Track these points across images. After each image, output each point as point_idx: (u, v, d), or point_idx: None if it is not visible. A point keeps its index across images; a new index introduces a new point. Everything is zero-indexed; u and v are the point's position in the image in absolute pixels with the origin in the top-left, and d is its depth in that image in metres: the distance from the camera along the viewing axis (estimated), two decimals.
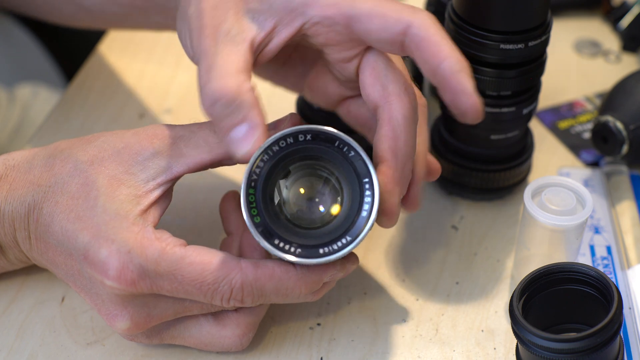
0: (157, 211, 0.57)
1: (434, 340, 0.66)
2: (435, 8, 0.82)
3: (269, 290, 0.56)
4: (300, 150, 0.57)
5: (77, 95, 0.88)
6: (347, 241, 0.56)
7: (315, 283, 0.57)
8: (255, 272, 0.56)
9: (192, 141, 0.57)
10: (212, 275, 0.55)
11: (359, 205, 0.56)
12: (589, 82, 0.90)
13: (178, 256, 0.55)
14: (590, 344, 0.56)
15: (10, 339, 0.65)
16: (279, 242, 0.56)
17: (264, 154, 0.56)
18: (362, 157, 0.56)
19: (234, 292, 0.56)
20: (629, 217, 0.74)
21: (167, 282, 0.55)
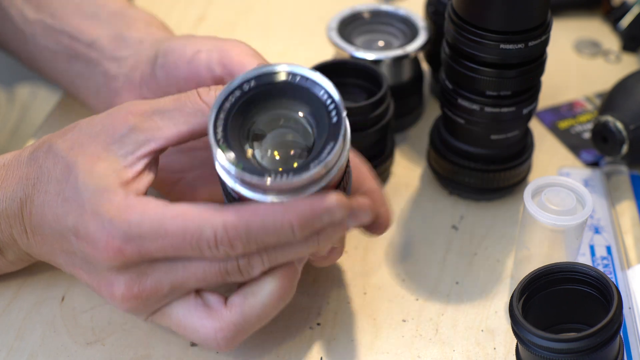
0: (140, 183, 0.57)
1: (434, 340, 0.66)
2: (435, 8, 0.82)
3: (256, 227, 0.54)
4: (252, 98, 0.56)
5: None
6: (332, 146, 0.54)
7: (305, 213, 0.54)
8: (237, 212, 0.54)
9: (168, 113, 0.58)
10: (194, 223, 0.54)
11: (328, 117, 0.55)
12: (589, 82, 0.90)
13: (160, 214, 0.55)
14: (590, 344, 0.56)
15: (10, 339, 0.65)
16: (268, 175, 0.54)
17: (219, 112, 0.55)
18: (306, 75, 0.56)
19: (219, 236, 0.54)
20: (629, 217, 0.74)
21: (153, 242, 0.55)
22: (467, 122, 0.71)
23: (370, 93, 0.76)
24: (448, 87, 0.72)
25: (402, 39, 0.83)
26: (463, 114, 0.71)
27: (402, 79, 0.82)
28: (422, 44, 0.80)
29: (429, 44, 0.81)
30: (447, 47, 0.70)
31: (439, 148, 0.75)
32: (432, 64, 0.86)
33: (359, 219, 0.58)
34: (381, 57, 0.79)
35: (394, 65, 0.80)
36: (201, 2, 1.01)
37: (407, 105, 0.83)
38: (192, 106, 0.58)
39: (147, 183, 0.58)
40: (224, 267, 0.56)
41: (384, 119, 0.74)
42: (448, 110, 0.73)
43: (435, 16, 0.82)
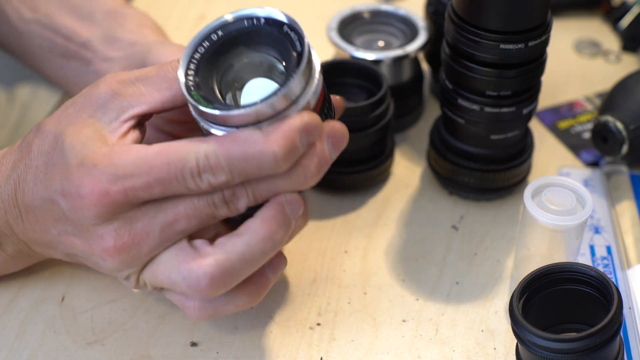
0: (126, 140, 0.58)
1: (434, 340, 0.66)
2: (435, 8, 0.82)
3: (237, 155, 0.54)
4: (220, 47, 0.57)
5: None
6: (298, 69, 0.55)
7: (285, 138, 0.54)
8: (218, 140, 0.55)
9: (150, 79, 0.58)
10: (176, 154, 0.55)
11: (293, 48, 0.56)
12: (589, 82, 0.90)
13: (143, 152, 0.55)
14: (590, 344, 0.56)
15: (10, 339, 0.65)
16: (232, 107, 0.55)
17: (189, 63, 0.57)
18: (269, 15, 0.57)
19: (201, 164, 0.54)
20: (629, 217, 0.74)
21: (138, 178, 0.55)
22: (467, 122, 0.72)
23: (370, 93, 0.76)
24: (448, 87, 0.72)
25: (402, 39, 0.83)
26: (463, 114, 0.71)
27: (402, 79, 0.82)
28: (422, 44, 0.80)
29: (429, 44, 0.81)
30: (447, 47, 0.70)
31: (439, 148, 0.75)
32: (432, 64, 0.86)
33: (337, 144, 0.58)
34: (381, 57, 0.79)
35: (394, 65, 0.80)
36: (201, 1, 1.01)
37: (407, 105, 0.83)
38: (175, 72, 0.58)
39: (132, 140, 0.58)
40: (211, 199, 0.56)
41: (384, 119, 0.74)
42: (448, 110, 0.73)
43: (435, 16, 0.82)
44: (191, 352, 0.64)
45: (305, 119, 0.55)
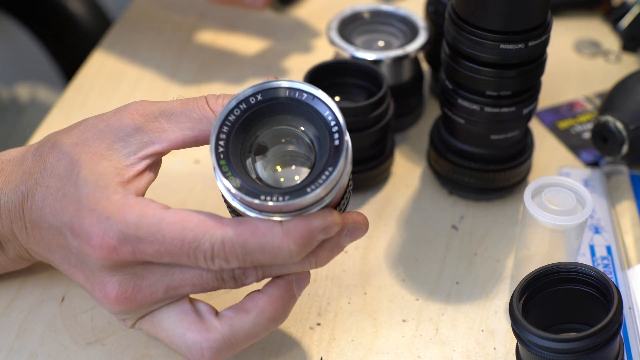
0: (140, 182, 0.57)
1: (434, 340, 0.66)
2: (435, 8, 0.82)
3: (253, 247, 0.54)
4: (256, 112, 0.56)
5: (76, 96, 0.88)
6: (330, 171, 0.54)
7: (304, 238, 0.54)
8: (237, 228, 0.54)
9: (174, 117, 0.58)
10: (192, 233, 0.54)
11: (330, 138, 0.55)
12: (589, 82, 0.90)
13: (158, 217, 0.54)
14: (590, 344, 0.56)
15: (10, 339, 0.65)
16: (265, 196, 0.54)
17: (223, 125, 0.56)
18: (313, 93, 0.56)
19: (216, 249, 0.54)
20: (629, 217, 0.74)
21: (149, 245, 0.54)
22: (467, 122, 0.71)
23: (370, 93, 0.76)
24: (448, 87, 0.72)
25: (402, 39, 0.83)
26: (463, 114, 0.71)
27: (402, 79, 0.82)
28: (422, 44, 0.80)
29: (429, 44, 0.81)
30: (447, 47, 0.70)
31: (439, 148, 0.75)
32: (432, 64, 0.86)
33: (355, 236, 0.58)
34: (381, 57, 0.79)
35: (394, 65, 0.80)
36: (201, 1, 1.01)
37: (407, 105, 0.83)
38: (199, 112, 0.58)
39: (147, 183, 0.58)
40: (220, 275, 0.56)
41: (384, 119, 0.74)
42: (448, 110, 0.73)
43: (435, 16, 0.82)
44: None
45: (327, 220, 0.55)
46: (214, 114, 0.58)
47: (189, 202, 0.76)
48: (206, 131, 0.58)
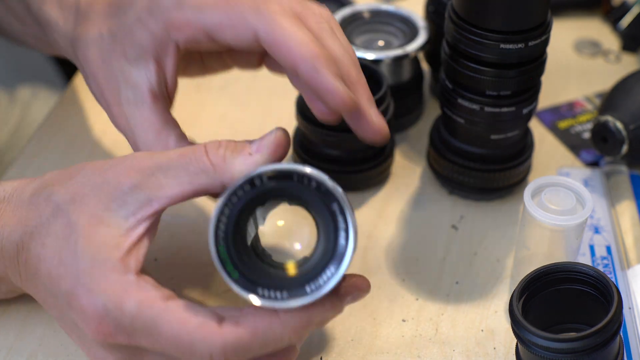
0: (139, 252, 0.55)
1: (433, 340, 0.66)
2: (435, 7, 0.82)
3: (254, 348, 0.54)
4: (260, 195, 0.55)
5: (76, 96, 0.88)
6: (332, 272, 0.54)
7: (302, 328, 0.55)
8: (236, 331, 0.53)
9: (172, 171, 0.55)
10: (189, 337, 0.52)
11: (335, 233, 0.55)
12: (589, 82, 0.90)
13: (155, 311, 0.53)
14: (590, 344, 0.56)
15: (10, 339, 0.65)
16: (263, 291, 0.54)
17: (225, 207, 0.54)
18: (325, 184, 0.55)
19: (215, 358, 0.53)
20: (629, 217, 0.74)
21: (144, 338, 0.53)
22: (467, 121, 0.72)
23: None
24: (448, 87, 0.72)
25: (402, 38, 0.83)
26: (463, 113, 0.71)
27: (402, 79, 0.82)
28: (422, 44, 0.80)
29: (429, 44, 0.81)
30: (447, 47, 0.70)
31: (439, 148, 0.75)
32: (432, 64, 0.86)
33: (356, 300, 0.58)
34: (381, 57, 0.79)
35: (394, 65, 0.80)
36: None
37: (407, 105, 0.83)
38: (197, 165, 0.55)
39: (145, 250, 0.56)
40: None
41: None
42: (448, 110, 0.73)
43: (435, 16, 0.82)
44: None
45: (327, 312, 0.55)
46: (214, 167, 0.55)
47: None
48: (205, 185, 0.55)
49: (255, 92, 0.88)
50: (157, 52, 0.60)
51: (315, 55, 0.55)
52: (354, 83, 0.58)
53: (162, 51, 0.60)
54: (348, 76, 0.58)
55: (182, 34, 0.59)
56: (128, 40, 0.60)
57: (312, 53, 0.55)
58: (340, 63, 0.57)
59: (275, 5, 0.56)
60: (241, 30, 0.56)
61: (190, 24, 0.58)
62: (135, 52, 0.60)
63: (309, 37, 0.56)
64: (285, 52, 0.55)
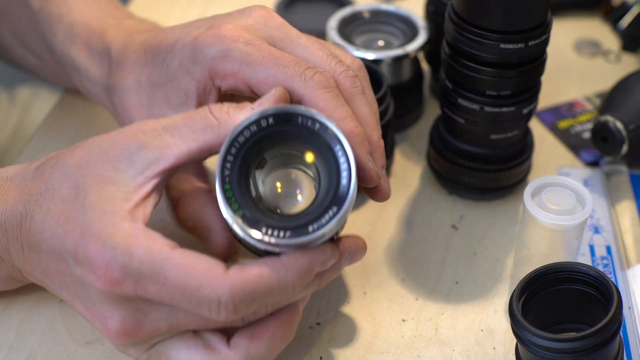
0: (147, 207, 0.56)
1: (433, 339, 0.66)
2: (435, 8, 0.82)
3: (262, 293, 0.54)
4: (266, 135, 0.56)
5: (76, 96, 0.88)
6: (334, 211, 0.55)
7: (304, 273, 0.55)
8: (242, 276, 0.53)
9: (177, 131, 0.56)
10: (196, 281, 0.53)
11: (337, 175, 0.55)
12: (589, 82, 0.90)
13: (163, 256, 0.53)
14: (590, 344, 0.56)
15: (10, 338, 0.65)
16: (266, 229, 0.54)
17: (231, 146, 0.55)
18: (328, 126, 0.56)
19: (224, 301, 0.53)
20: (629, 217, 0.74)
21: (151, 284, 0.53)
22: (467, 121, 0.72)
23: None
24: (448, 87, 0.72)
25: (402, 38, 0.83)
26: (463, 113, 0.71)
27: (402, 79, 0.82)
28: (422, 44, 0.80)
29: (429, 43, 0.81)
30: (447, 47, 0.70)
31: (439, 148, 0.75)
32: (432, 64, 0.86)
33: (354, 259, 0.59)
34: (381, 57, 0.79)
35: (394, 65, 0.81)
36: (201, 2, 1.01)
37: (407, 105, 0.83)
38: (203, 122, 0.56)
39: (152, 207, 0.57)
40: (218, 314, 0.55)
41: (384, 119, 0.74)
42: (448, 110, 0.73)
43: (435, 16, 0.82)
44: None
45: (326, 255, 0.56)
46: (218, 121, 0.57)
47: None
48: (211, 141, 0.56)
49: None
50: (199, 98, 0.62)
51: (353, 134, 0.58)
52: (374, 148, 0.61)
53: (204, 97, 0.62)
54: (370, 140, 0.61)
55: (226, 82, 0.61)
56: (171, 87, 0.62)
57: (351, 131, 0.58)
58: (365, 126, 0.61)
59: (320, 76, 0.59)
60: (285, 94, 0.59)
61: (236, 75, 0.60)
62: (179, 98, 0.62)
63: (347, 113, 0.59)
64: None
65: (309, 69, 0.59)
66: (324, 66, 0.60)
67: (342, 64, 0.61)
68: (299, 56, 0.61)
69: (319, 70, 0.59)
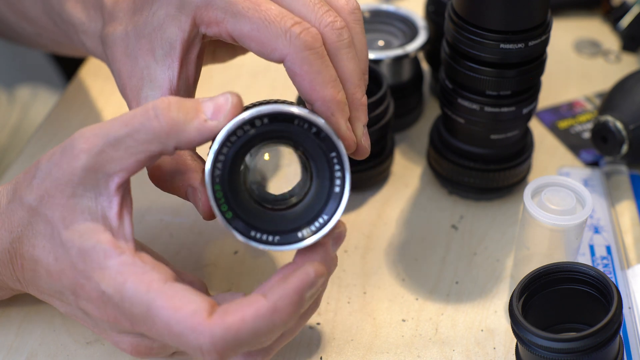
0: (125, 228, 0.54)
1: (433, 339, 0.66)
2: (435, 8, 0.82)
3: (246, 337, 0.52)
4: (259, 135, 0.55)
5: (76, 95, 0.88)
6: (325, 220, 0.55)
7: (294, 305, 0.53)
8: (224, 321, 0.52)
9: (120, 143, 0.53)
10: (178, 326, 0.52)
11: (330, 181, 0.55)
12: (589, 82, 0.90)
13: (151, 297, 0.52)
14: (590, 344, 0.56)
15: (10, 338, 0.65)
16: (255, 233, 0.54)
17: (223, 146, 0.54)
18: (326, 131, 0.55)
19: (205, 350, 0.52)
20: (629, 217, 0.74)
21: (143, 324, 0.53)
22: (467, 121, 0.72)
23: (370, 92, 0.76)
24: (448, 87, 0.72)
25: (402, 38, 0.83)
26: (463, 113, 0.71)
27: (402, 79, 0.82)
28: (422, 44, 0.80)
29: (429, 43, 0.81)
30: (447, 47, 0.70)
31: (439, 148, 0.75)
32: (432, 64, 0.86)
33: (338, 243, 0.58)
34: (381, 57, 0.79)
35: (394, 65, 0.81)
36: None
37: (407, 105, 0.83)
38: (147, 133, 0.53)
39: (129, 224, 0.55)
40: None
41: (384, 119, 0.74)
42: (448, 110, 0.73)
43: (435, 16, 0.82)
44: None
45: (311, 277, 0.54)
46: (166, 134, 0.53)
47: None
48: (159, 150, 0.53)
49: (255, 90, 0.87)
50: (183, 50, 0.60)
51: (333, 101, 0.57)
52: (356, 107, 0.59)
53: (188, 47, 0.60)
54: (352, 98, 0.59)
55: (210, 30, 0.59)
56: (156, 37, 0.60)
57: (331, 98, 0.57)
58: (348, 83, 0.59)
59: (305, 35, 0.57)
60: (268, 49, 0.57)
61: (219, 24, 0.58)
62: (163, 49, 0.60)
63: (329, 78, 0.57)
64: (306, 87, 0.57)
65: (295, 25, 0.56)
66: (310, 16, 0.58)
67: (329, 14, 0.58)
68: (284, 2, 0.58)
69: (305, 27, 0.57)
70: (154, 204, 0.75)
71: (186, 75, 0.61)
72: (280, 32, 0.56)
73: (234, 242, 0.72)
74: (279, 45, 0.56)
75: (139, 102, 0.61)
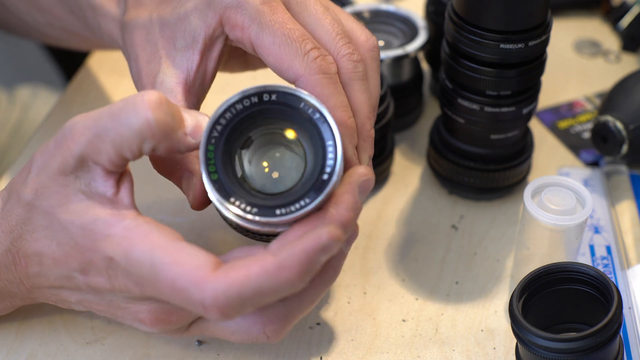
0: (124, 194, 0.55)
1: (433, 339, 0.66)
2: (435, 8, 0.82)
3: (250, 295, 0.51)
4: (264, 110, 0.55)
5: (76, 96, 0.88)
6: (306, 202, 0.54)
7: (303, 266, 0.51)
8: (227, 278, 0.51)
9: (107, 135, 0.53)
10: (181, 281, 0.51)
11: (321, 168, 0.55)
12: (589, 82, 0.90)
13: (157, 255, 0.52)
14: (590, 344, 0.56)
15: (10, 338, 0.65)
16: (235, 200, 0.54)
17: (227, 111, 0.54)
18: (328, 120, 0.55)
19: (208, 305, 0.51)
20: (629, 217, 0.74)
21: (150, 286, 0.53)
22: (467, 121, 0.72)
23: None
24: (448, 87, 0.72)
25: (402, 38, 0.83)
26: (463, 113, 0.71)
27: (402, 79, 0.82)
28: (422, 44, 0.80)
29: (429, 43, 0.81)
30: (447, 47, 0.70)
31: (439, 148, 0.75)
32: (432, 64, 0.86)
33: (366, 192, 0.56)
34: (381, 57, 0.79)
35: (394, 65, 0.81)
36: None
37: (407, 105, 0.83)
38: (127, 127, 0.53)
39: (129, 189, 0.55)
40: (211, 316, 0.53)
41: (384, 119, 0.74)
42: (448, 110, 0.73)
43: (435, 16, 0.82)
44: (191, 352, 0.64)
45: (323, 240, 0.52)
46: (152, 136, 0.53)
47: None
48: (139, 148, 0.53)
49: None
50: (206, 44, 0.61)
51: (344, 125, 0.57)
52: (364, 138, 0.60)
53: (211, 44, 0.61)
54: (361, 129, 0.60)
55: (234, 33, 0.60)
56: (180, 27, 0.61)
57: (342, 122, 0.57)
58: (358, 114, 0.60)
59: (322, 61, 0.58)
60: (284, 66, 0.58)
61: (244, 29, 0.59)
62: (185, 40, 0.61)
63: (340, 102, 0.58)
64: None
65: (314, 50, 0.58)
66: (330, 44, 0.60)
67: (349, 46, 0.60)
68: (308, 26, 0.60)
69: (322, 53, 0.58)
70: (154, 204, 0.75)
71: (204, 70, 0.61)
72: (299, 52, 0.58)
73: (234, 242, 0.72)
74: (295, 64, 0.58)
75: (153, 87, 0.61)
